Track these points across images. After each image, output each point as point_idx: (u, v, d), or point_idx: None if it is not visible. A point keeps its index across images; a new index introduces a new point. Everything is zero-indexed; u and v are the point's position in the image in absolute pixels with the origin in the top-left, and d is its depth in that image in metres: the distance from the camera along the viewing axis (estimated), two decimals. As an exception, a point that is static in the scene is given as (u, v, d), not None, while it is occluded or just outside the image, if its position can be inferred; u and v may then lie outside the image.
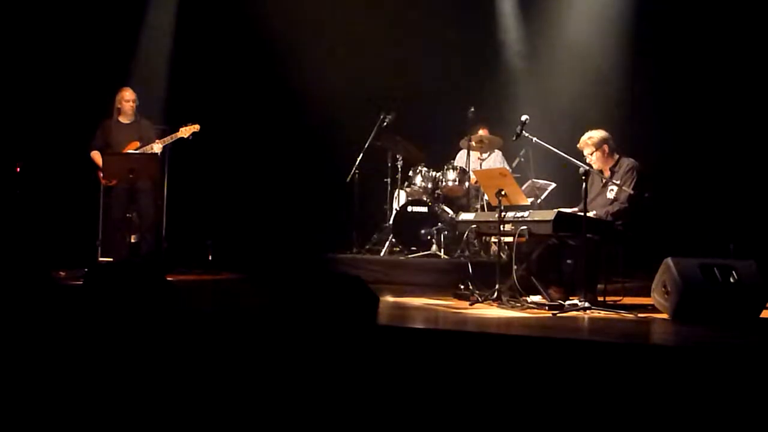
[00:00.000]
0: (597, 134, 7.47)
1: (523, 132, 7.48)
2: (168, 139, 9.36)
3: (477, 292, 7.36)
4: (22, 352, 5.05)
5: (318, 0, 11.09)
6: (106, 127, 9.53)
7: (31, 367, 4.97)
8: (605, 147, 7.44)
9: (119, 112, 9.53)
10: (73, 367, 4.93)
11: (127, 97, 9.52)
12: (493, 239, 8.53)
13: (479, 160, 10.21)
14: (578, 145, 7.52)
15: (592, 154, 7.45)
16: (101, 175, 9.29)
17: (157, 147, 9.29)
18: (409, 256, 9.64)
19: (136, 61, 10.96)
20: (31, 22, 10.36)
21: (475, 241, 9.42)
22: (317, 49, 10.96)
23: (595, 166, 7.46)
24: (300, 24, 10.96)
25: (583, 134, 7.54)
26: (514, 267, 7.16)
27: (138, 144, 9.35)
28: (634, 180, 7.28)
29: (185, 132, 9.34)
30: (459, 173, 10.01)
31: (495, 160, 10.36)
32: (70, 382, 4.86)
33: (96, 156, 9.37)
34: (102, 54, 10.56)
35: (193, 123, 9.38)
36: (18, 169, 9.65)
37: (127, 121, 9.54)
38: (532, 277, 7.29)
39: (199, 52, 11.23)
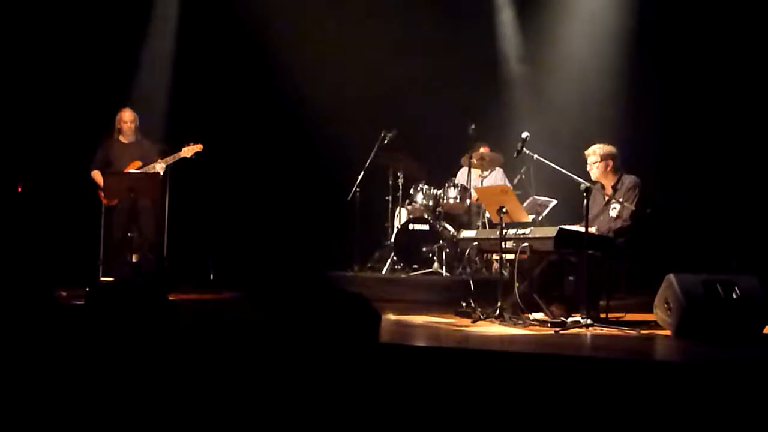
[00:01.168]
0: (606, 147, 7.50)
1: (524, 149, 7.50)
2: (170, 159, 9.37)
3: (479, 309, 7.34)
4: (23, 371, 5.03)
5: (319, 19, 11.13)
6: (107, 146, 9.55)
7: (31, 386, 4.96)
8: (609, 162, 7.45)
9: (119, 132, 9.56)
10: (75, 387, 4.92)
11: (126, 118, 9.55)
12: (495, 256, 8.51)
13: (480, 178, 10.22)
14: (586, 151, 7.54)
15: (594, 164, 7.47)
16: (102, 194, 9.30)
17: (159, 166, 9.30)
18: (411, 273, 9.64)
19: (137, 80, 11.00)
20: (33, 41, 10.39)
21: (477, 258, 9.41)
22: (318, 68, 10.98)
23: (592, 176, 7.47)
24: (301, 43, 10.98)
25: (591, 146, 7.56)
26: (516, 284, 7.15)
27: (140, 163, 9.37)
28: (637, 197, 7.28)
29: (188, 152, 9.35)
30: (460, 191, 10.02)
31: (496, 177, 10.37)
32: (71, 402, 4.85)
33: (97, 175, 9.38)
34: (103, 73, 10.59)
35: (196, 142, 9.40)
36: (19, 189, 9.65)
37: (128, 141, 9.57)
38: (534, 294, 7.27)
39: (199, 71, 11.26)
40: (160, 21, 11.37)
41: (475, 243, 7.95)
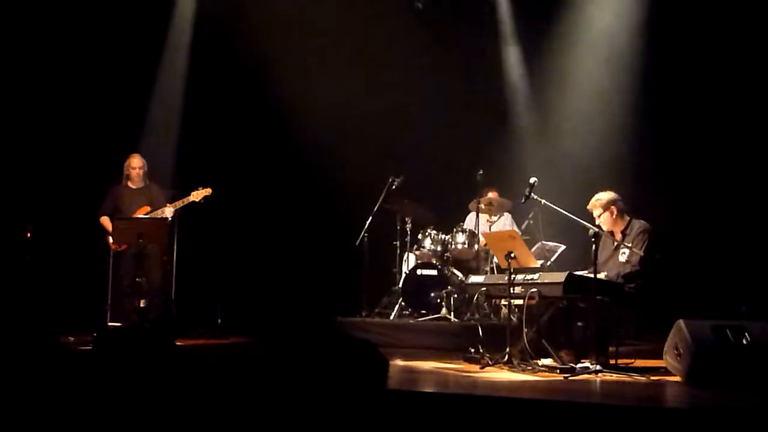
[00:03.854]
0: (605, 196, 7.49)
1: (532, 194, 7.50)
2: (179, 203, 9.40)
3: (487, 355, 7.30)
4: (30, 417, 5.01)
5: (327, 66, 11.20)
6: (116, 192, 9.60)
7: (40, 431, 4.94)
8: (613, 208, 7.45)
9: (128, 178, 9.61)
10: (82, 433, 4.89)
11: (134, 164, 9.60)
12: (503, 302, 8.50)
13: (488, 223, 10.22)
14: (588, 207, 7.55)
15: (600, 216, 7.47)
16: (111, 239, 9.32)
17: (168, 211, 9.33)
18: (419, 319, 9.60)
19: (145, 126, 11.07)
20: (43, 87, 10.48)
21: (485, 303, 9.38)
22: (326, 114, 11.02)
23: (604, 228, 7.47)
24: (309, 90, 11.04)
25: (593, 196, 7.56)
26: (525, 330, 7.13)
27: (149, 209, 9.41)
28: (646, 242, 7.27)
29: (197, 196, 9.38)
30: (468, 236, 10.01)
31: (504, 222, 10.36)
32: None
33: (105, 221, 9.42)
34: (112, 119, 10.67)
35: (205, 187, 9.43)
36: (28, 234, 9.67)
37: (136, 187, 9.61)
38: (543, 340, 7.24)
39: (208, 117, 11.33)
40: (169, 67, 11.47)
41: (484, 288, 7.93)
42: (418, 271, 9.90)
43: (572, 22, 11.16)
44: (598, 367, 6.64)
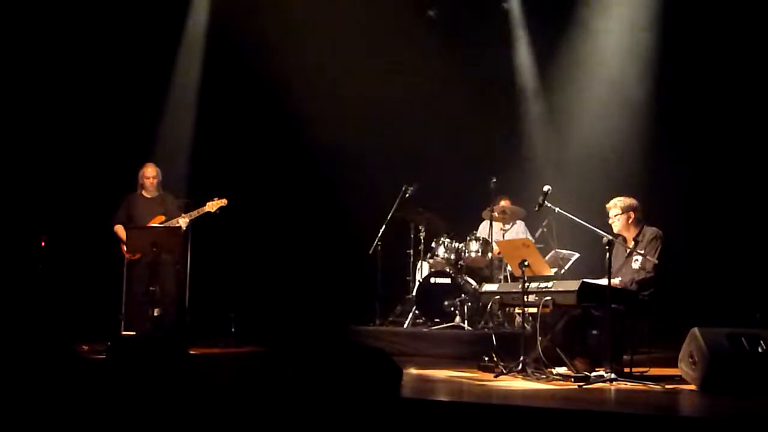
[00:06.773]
0: (627, 200, 7.49)
1: (546, 202, 7.49)
2: (194, 213, 9.41)
3: (501, 363, 7.30)
4: (45, 424, 5.03)
5: (340, 74, 11.21)
6: (130, 201, 9.62)
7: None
8: (631, 214, 7.43)
9: (142, 187, 9.63)
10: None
11: (148, 174, 9.61)
12: (517, 310, 8.47)
13: (502, 231, 10.20)
14: (607, 204, 7.53)
15: (616, 216, 7.45)
16: (124, 248, 9.35)
17: (182, 221, 9.34)
18: (433, 327, 9.58)
19: (160, 135, 11.10)
20: (56, 96, 10.52)
21: (499, 312, 9.36)
22: (339, 123, 11.03)
23: (614, 229, 7.46)
24: (322, 97, 11.05)
25: (608, 202, 7.55)
26: (539, 338, 7.11)
27: (163, 218, 9.42)
28: (659, 249, 7.24)
29: (212, 206, 9.38)
30: (482, 244, 9.99)
31: (518, 230, 10.34)
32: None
33: (119, 230, 9.44)
34: (126, 129, 10.70)
35: (221, 197, 9.43)
36: (43, 243, 9.71)
37: (150, 196, 9.63)
38: (557, 349, 7.22)
39: (222, 126, 11.36)
40: (183, 76, 11.50)
41: (497, 297, 7.91)
42: (432, 280, 9.88)
43: (585, 28, 11.14)
44: (613, 376, 6.61)
